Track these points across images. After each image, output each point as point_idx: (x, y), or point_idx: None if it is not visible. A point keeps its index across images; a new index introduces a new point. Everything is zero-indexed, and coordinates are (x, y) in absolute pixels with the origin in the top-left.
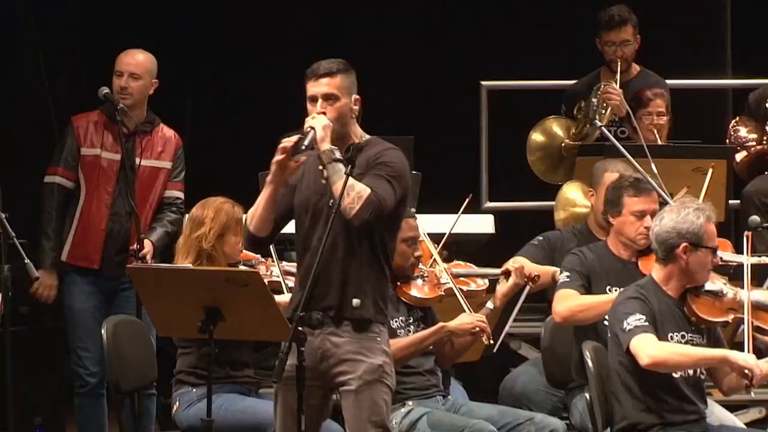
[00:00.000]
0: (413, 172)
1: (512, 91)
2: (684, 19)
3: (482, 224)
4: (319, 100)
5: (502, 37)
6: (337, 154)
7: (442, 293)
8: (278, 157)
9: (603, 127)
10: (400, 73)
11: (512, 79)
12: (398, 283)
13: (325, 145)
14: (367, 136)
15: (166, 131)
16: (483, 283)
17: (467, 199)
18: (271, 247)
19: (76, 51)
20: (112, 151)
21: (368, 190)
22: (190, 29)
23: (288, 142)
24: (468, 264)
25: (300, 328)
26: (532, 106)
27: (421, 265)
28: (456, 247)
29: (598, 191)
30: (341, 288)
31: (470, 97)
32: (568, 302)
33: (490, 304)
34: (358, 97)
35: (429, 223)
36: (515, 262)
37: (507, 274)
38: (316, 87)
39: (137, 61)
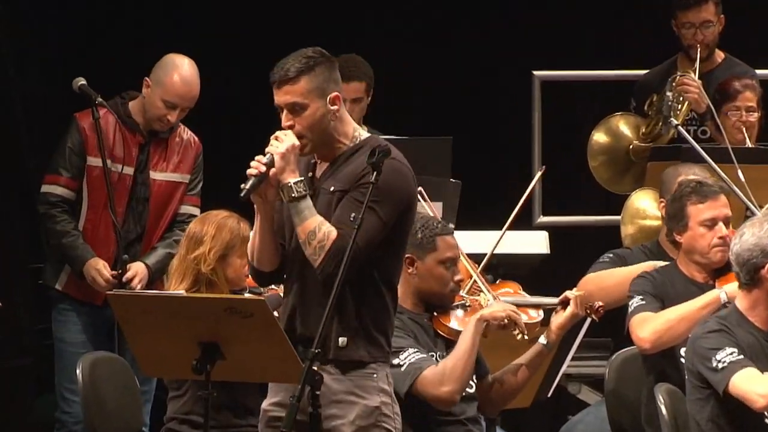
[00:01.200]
0: (452, 180)
1: (570, 83)
2: None
3: (534, 242)
4: (284, 111)
5: (557, 20)
6: (300, 190)
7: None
8: (246, 189)
9: (679, 126)
10: (435, 64)
11: (570, 68)
12: (434, 314)
13: (285, 178)
14: (364, 135)
15: (184, 134)
16: (536, 315)
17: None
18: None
19: (52, 34)
20: (125, 162)
21: (333, 235)
22: (188, 27)
23: (255, 168)
24: (518, 290)
25: (315, 368)
26: (595, 101)
27: (462, 292)
28: (503, 269)
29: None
30: (323, 324)
31: (520, 90)
32: (650, 324)
33: (543, 339)
34: (336, 94)
35: (470, 241)
36: (583, 287)
37: (565, 303)
38: (277, 96)
39: (195, 94)
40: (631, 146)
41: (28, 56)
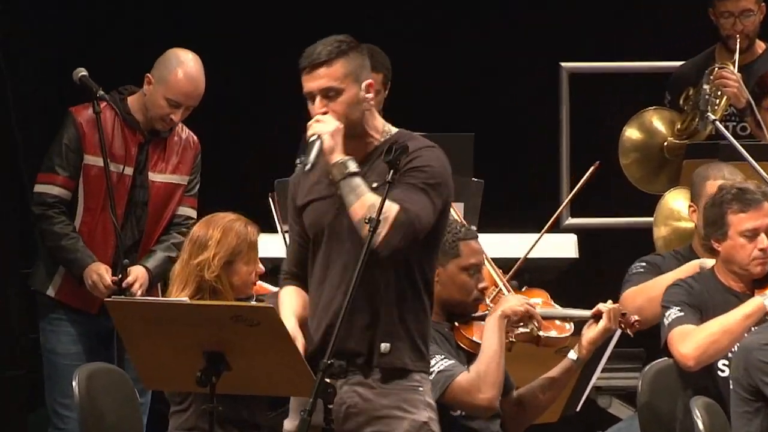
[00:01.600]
0: (474, 179)
1: (600, 76)
2: None
3: (562, 246)
4: (317, 98)
5: (586, 8)
6: (353, 166)
7: (512, 339)
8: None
9: (717, 122)
10: (455, 56)
11: (599, 59)
12: (456, 324)
13: (337, 157)
14: (393, 130)
15: (182, 133)
16: (568, 328)
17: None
18: None
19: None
20: (124, 161)
21: (396, 208)
22: (188, 26)
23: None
24: (547, 299)
25: (328, 380)
26: (626, 95)
27: (487, 300)
28: (529, 275)
29: (700, 206)
30: (366, 330)
31: (547, 82)
32: (693, 338)
33: (572, 354)
34: (371, 81)
35: (494, 245)
36: (630, 302)
37: (598, 316)
38: (310, 81)
39: (200, 92)
40: (665, 143)
41: (27, 56)
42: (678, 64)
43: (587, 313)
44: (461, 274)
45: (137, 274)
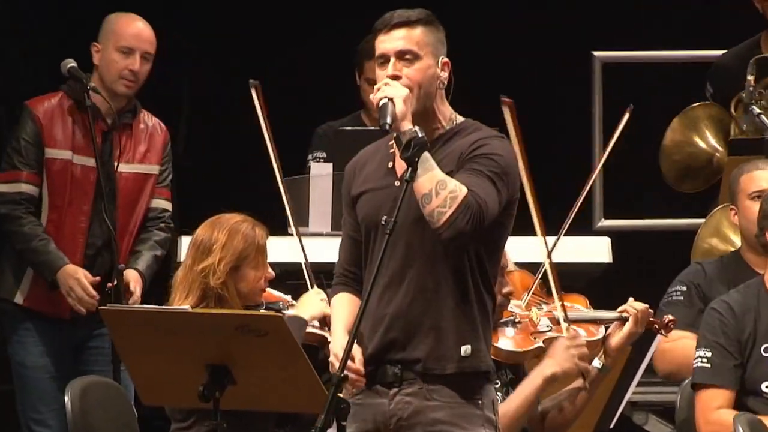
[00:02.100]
0: None
1: (635, 66)
2: None
3: (594, 250)
4: (392, 60)
5: None
6: (424, 137)
7: (541, 344)
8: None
9: (762, 115)
10: (480, 45)
11: (634, 48)
12: None
13: (406, 125)
14: (460, 118)
15: (149, 121)
16: (597, 332)
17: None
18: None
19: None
20: (86, 153)
21: (464, 189)
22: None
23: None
24: (586, 304)
25: (340, 395)
26: (661, 85)
27: (512, 306)
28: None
29: (739, 206)
30: (433, 332)
31: (578, 72)
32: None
33: (597, 362)
34: (447, 60)
35: (520, 248)
36: (670, 360)
37: (624, 318)
38: (387, 42)
39: (150, 36)
40: (715, 157)
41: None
42: (719, 53)
43: (613, 314)
44: None
45: (130, 277)
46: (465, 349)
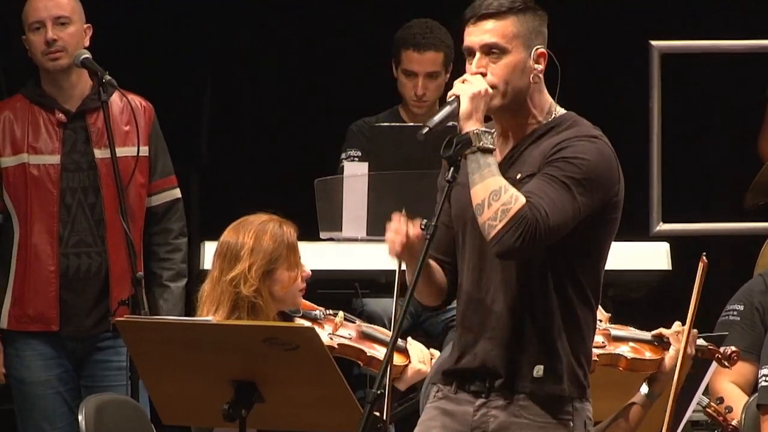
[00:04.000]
0: None
1: (696, 56)
2: None
3: (652, 256)
4: (477, 54)
5: None
6: (487, 141)
7: (595, 359)
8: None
9: None
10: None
11: (695, 37)
12: None
13: (471, 125)
14: (560, 111)
15: (128, 100)
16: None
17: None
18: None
19: None
20: (47, 151)
21: (522, 200)
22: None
23: (397, 236)
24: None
25: (377, 414)
26: (729, 79)
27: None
28: (613, 291)
29: None
30: (509, 348)
31: (635, 63)
32: None
33: (644, 388)
34: (543, 51)
35: None
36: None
37: (660, 340)
38: (473, 34)
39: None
40: None
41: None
42: None
43: (647, 335)
44: None
45: None
46: (538, 370)
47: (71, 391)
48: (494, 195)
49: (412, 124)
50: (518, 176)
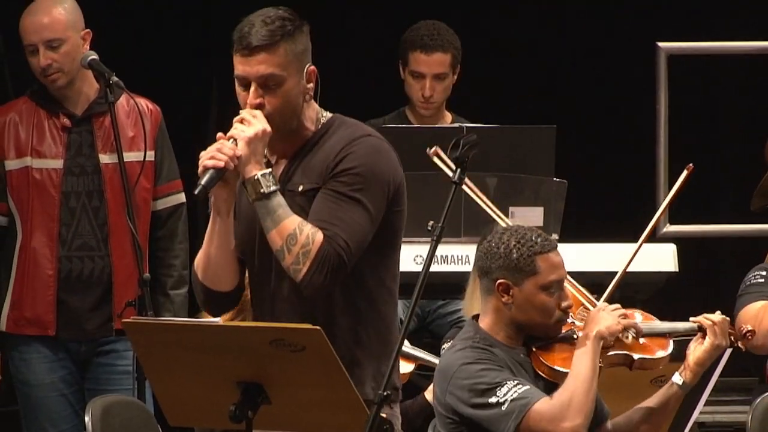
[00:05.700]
0: (555, 179)
1: (703, 57)
2: None
3: (659, 258)
4: (253, 86)
5: None
6: (269, 184)
7: (600, 364)
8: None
9: None
10: (533, 34)
11: (702, 39)
12: (534, 349)
13: (250, 171)
14: (327, 116)
15: (135, 103)
16: (663, 352)
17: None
18: None
19: None
20: (50, 155)
21: (319, 237)
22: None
23: (214, 159)
24: (649, 318)
25: (383, 416)
26: (733, 80)
27: (572, 318)
28: (620, 292)
29: None
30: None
31: (642, 65)
32: None
33: (678, 378)
34: (313, 67)
35: (578, 257)
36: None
37: (701, 330)
38: (248, 65)
39: (46, 22)
40: None
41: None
42: None
43: (686, 325)
44: (540, 294)
45: None
46: None
47: (75, 393)
48: (291, 239)
49: (418, 125)
50: (300, 188)
